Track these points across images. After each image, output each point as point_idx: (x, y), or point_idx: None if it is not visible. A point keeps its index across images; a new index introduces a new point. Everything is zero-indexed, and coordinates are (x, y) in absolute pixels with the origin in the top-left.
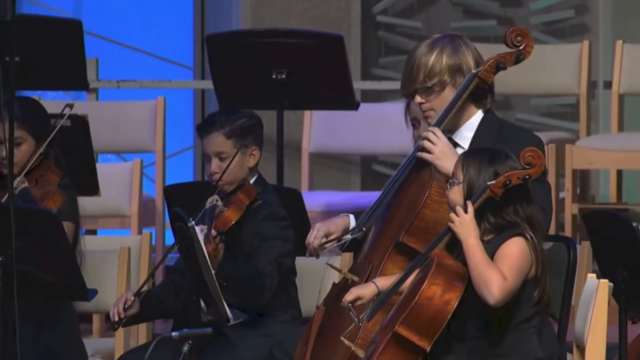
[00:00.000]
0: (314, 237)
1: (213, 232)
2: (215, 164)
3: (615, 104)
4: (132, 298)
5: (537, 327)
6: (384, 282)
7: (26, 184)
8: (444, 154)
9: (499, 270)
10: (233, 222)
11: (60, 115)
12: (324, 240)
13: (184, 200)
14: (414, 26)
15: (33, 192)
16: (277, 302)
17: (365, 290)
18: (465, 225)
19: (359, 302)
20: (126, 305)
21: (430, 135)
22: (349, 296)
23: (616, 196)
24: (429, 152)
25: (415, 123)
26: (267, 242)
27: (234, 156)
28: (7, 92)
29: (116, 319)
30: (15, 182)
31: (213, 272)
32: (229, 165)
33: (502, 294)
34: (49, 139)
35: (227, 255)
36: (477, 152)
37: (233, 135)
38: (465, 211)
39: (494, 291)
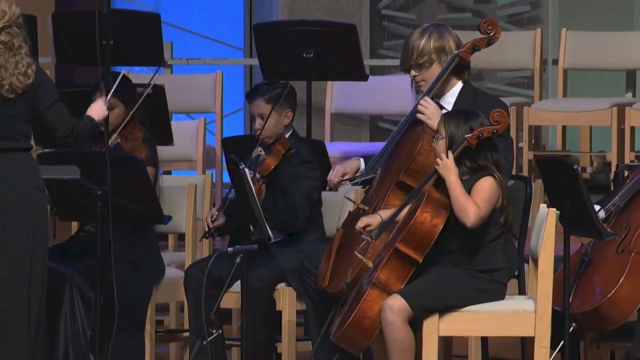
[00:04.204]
0: (334, 175)
1: (257, 176)
2: (258, 123)
3: (561, 77)
4: (217, 212)
5: (503, 244)
6: (385, 214)
7: (118, 140)
8: (433, 115)
9: (474, 202)
10: (272, 168)
11: (147, 85)
12: (341, 178)
13: (236, 149)
14: (409, 17)
15: (124, 146)
16: (307, 226)
17: (372, 220)
18: (447, 167)
19: (368, 229)
20: (212, 219)
21: (423, 102)
22: (360, 224)
23: (562, 145)
24: (422, 114)
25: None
26: (300, 181)
27: (268, 116)
28: (103, 68)
29: (206, 229)
30: (111, 139)
31: (259, 204)
32: (265, 123)
33: (477, 219)
34: (136, 105)
35: (270, 192)
36: (455, 113)
37: (271, 101)
38: (447, 157)
39: (471, 217)
